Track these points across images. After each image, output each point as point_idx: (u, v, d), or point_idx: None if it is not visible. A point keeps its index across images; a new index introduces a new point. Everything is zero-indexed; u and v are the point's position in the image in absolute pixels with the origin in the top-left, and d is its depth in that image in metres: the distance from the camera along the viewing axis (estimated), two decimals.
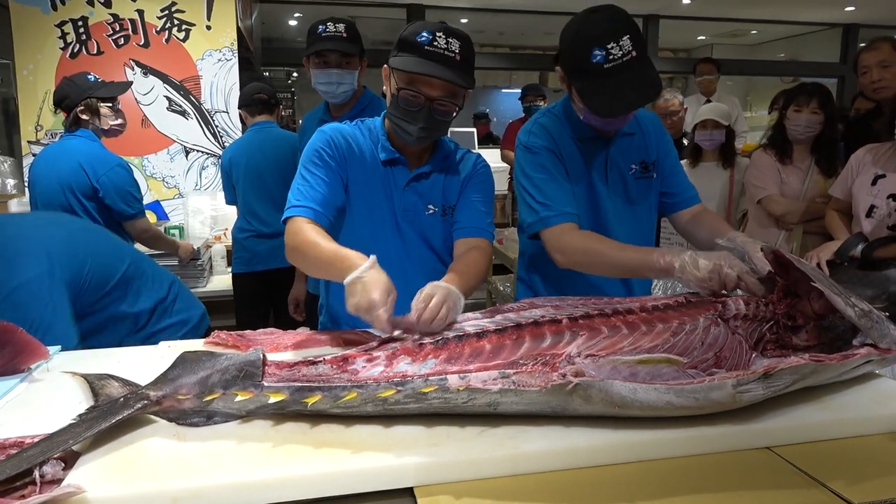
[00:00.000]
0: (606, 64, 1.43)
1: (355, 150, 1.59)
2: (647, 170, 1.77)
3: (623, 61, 1.44)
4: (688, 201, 1.81)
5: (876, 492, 0.95)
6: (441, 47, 1.44)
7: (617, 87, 1.45)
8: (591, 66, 1.45)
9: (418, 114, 1.48)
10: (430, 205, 1.63)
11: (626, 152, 1.74)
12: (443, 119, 1.51)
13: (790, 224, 2.85)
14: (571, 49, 1.50)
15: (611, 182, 1.72)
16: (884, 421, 1.14)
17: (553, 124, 1.70)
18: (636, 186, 1.76)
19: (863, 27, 9.04)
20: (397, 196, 1.61)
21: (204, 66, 4.30)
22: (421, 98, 1.46)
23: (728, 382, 1.04)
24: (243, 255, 3.09)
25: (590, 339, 1.15)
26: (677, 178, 1.82)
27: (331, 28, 2.31)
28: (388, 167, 1.60)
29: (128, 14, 4.15)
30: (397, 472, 0.96)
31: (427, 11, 7.71)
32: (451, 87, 1.47)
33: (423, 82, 1.46)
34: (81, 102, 2.62)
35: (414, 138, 1.52)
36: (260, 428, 1.06)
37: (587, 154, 1.70)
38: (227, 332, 1.47)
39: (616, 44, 1.43)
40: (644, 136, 1.77)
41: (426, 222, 1.64)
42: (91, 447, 0.99)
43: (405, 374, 1.08)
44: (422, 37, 1.44)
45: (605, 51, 1.43)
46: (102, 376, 1.20)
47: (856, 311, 1.21)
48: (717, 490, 0.95)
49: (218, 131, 4.36)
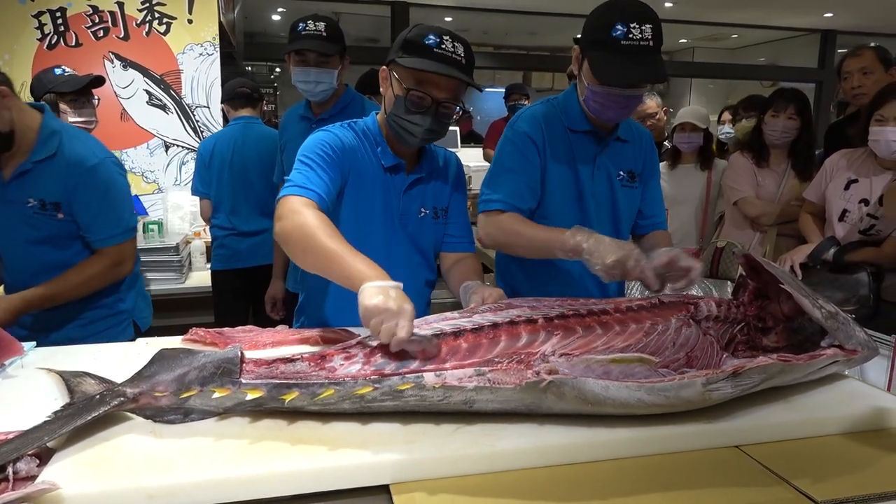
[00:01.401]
0: (624, 40, 1.49)
1: (357, 157, 1.57)
2: (633, 180, 1.80)
3: (640, 44, 1.49)
4: (657, 225, 1.87)
5: (839, 490, 0.98)
6: (449, 50, 1.47)
7: (628, 63, 1.50)
8: (609, 39, 1.50)
9: (425, 115, 1.49)
10: (423, 208, 1.65)
11: (617, 157, 1.77)
12: (446, 122, 1.54)
13: (765, 226, 2.92)
14: (595, 21, 1.56)
15: (597, 181, 1.75)
16: (848, 421, 1.18)
17: (549, 112, 1.73)
18: (622, 193, 1.78)
19: (840, 33, 9.20)
20: (396, 201, 1.61)
21: (185, 60, 4.25)
22: (428, 100, 1.48)
23: (698, 381, 1.07)
24: (223, 253, 3.06)
25: (564, 339, 1.17)
26: (655, 201, 1.87)
27: (311, 27, 2.29)
28: (389, 173, 1.60)
29: (107, 6, 4.09)
30: (373, 469, 0.97)
31: (411, 9, 7.69)
32: (457, 89, 1.51)
33: (432, 84, 1.47)
34: (42, 98, 2.52)
35: (418, 139, 1.53)
36: (237, 425, 1.06)
37: (579, 148, 1.72)
38: (205, 329, 1.46)
39: (638, 26, 1.49)
40: (636, 146, 1.80)
41: (418, 226, 1.65)
42: (66, 444, 0.98)
43: (382, 371, 1.09)
44: (429, 39, 1.46)
45: (627, 28, 1.48)
46: (78, 373, 1.20)
47: (823, 313, 1.24)
48: (688, 488, 0.98)
49: (199, 126, 4.32)
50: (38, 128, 1.77)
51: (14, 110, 1.72)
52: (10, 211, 1.78)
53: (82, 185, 1.77)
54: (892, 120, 2.18)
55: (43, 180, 1.77)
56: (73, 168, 1.76)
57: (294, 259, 1.38)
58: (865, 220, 2.31)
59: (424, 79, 1.47)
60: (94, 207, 1.80)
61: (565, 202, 1.72)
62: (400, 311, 1.13)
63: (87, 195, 1.79)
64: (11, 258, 1.87)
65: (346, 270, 1.24)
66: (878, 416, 1.19)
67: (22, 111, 1.76)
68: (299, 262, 1.36)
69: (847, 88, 2.78)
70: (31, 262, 1.82)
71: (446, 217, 1.70)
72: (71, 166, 1.76)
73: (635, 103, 1.65)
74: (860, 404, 1.22)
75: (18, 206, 1.77)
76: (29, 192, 1.76)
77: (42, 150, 1.76)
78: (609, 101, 1.59)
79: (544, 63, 10.19)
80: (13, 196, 1.77)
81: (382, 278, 1.20)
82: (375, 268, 1.23)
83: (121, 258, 1.87)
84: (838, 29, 9.11)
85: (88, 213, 1.80)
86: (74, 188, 1.77)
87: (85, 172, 1.77)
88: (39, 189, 1.77)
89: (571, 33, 8.88)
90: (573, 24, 8.95)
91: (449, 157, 1.73)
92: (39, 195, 1.76)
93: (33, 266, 1.82)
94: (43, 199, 1.76)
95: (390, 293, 1.16)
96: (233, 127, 3.14)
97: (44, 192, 1.77)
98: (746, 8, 7.96)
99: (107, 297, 1.92)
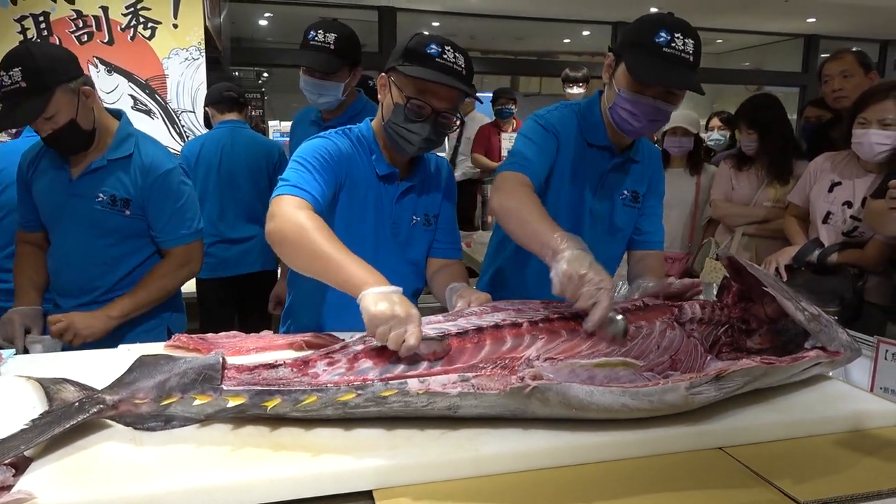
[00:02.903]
0: (666, 48, 1.47)
1: (352, 165, 1.56)
2: (637, 200, 1.79)
3: (680, 55, 1.48)
4: (651, 244, 1.83)
5: (821, 490, 0.98)
6: (451, 60, 1.47)
7: (667, 68, 1.48)
8: (650, 44, 1.48)
9: (424, 124, 1.49)
10: (415, 215, 1.64)
11: (624, 177, 1.75)
12: (444, 131, 1.54)
13: (732, 227, 3.06)
14: (639, 27, 1.54)
15: (599, 198, 1.73)
16: (830, 422, 1.18)
17: (569, 118, 1.71)
18: (622, 212, 1.77)
19: (823, 38, 9.31)
20: (389, 209, 1.60)
21: (170, 64, 4.23)
22: (428, 108, 1.47)
23: (681, 385, 1.07)
24: (208, 261, 2.96)
25: (549, 343, 1.17)
26: (654, 218, 1.84)
27: (319, 37, 2.17)
28: (383, 181, 1.59)
29: (91, 10, 4.07)
30: (356, 475, 0.96)
31: (399, 14, 7.70)
32: (456, 100, 1.51)
33: (432, 93, 1.47)
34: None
35: (416, 148, 1.53)
36: (219, 431, 1.05)
37: (588, 161, 1.70)
38: (187, 335, 1.45)
39: (682, 38, 1.48)
40: (645, 166, 1.79)
41: (409, 234, 1.64)
42: (43, 452, 0.97)
43: (366, 377, 1.08)
44: (431, 49, 1.46)
45: (671, 36, 1.47)
46: (58, 380, 1.18)
47: (805, 315, 1.25)
48: (671, 490, 0.98)
49: (184, 131, 4.30)
50: (115, 130, 1.88)
51: (97, 110, 1.82)
52: (76, 205, 1.84)
53: (158, 188, 1.86)
54: (874, 122, 2.21)
55: (117, 177, 1.85)
56: (150, 170, 1.85)
57: (286, 260, 1.35)
58: (849, 223, 2.33)
59: (425, 88, 1.46)
60: (168, 209, 1.88)
61: (560, 214, 1.65)
62: (408, 317, 1.13)
63: (162, 197, 1.87)
64: (66, 253, 1.90)
65: (343, 274, 1.22)
66: (860, 417, 1.20)
67: (103, 112, 1.87)
68: (291, 263, 1.33)
69: (828, 91, 2.83)
70: (87, 257, 1.87)
71: (437, 224, 1.70)
72: (146, 168, 1.85)
73: (663, 118, 1.59)
74: (843, 405, 1.23)
75: (86, 201, 1.83)
76: (100, 187, 1.83)
77: (118, 150, 1.86)
78: (638, 108, 1.54)
79: (531, 68, 10.23)
80: (81, 191, 1.84)
81: (382, 283, 1.19)
82: (374, 272, 1.22)
83: (189, 258, 1.94)
84: (821, 34, 9.23)
85: (162, 214, 1.88)
86: (149, 189, 1.85)
87: (160, 176, 1.86)
88: (111, 185, 1.84)
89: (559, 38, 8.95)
90: (561, 29, 9.02)
91: (440, 164, 1.73)
92: (111, 191, 1.83)
93: (86, 261, 1.87)
94: (114, 195, 1.84)
95: (394, 298, 1.15)
96: (220, 130, 3.08)
97: (116, 188, 1.84)
98: (731, 13, 8.04)
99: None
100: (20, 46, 1.74)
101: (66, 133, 1.74)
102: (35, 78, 1.66)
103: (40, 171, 1.89)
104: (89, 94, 1.79)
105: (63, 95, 1.71)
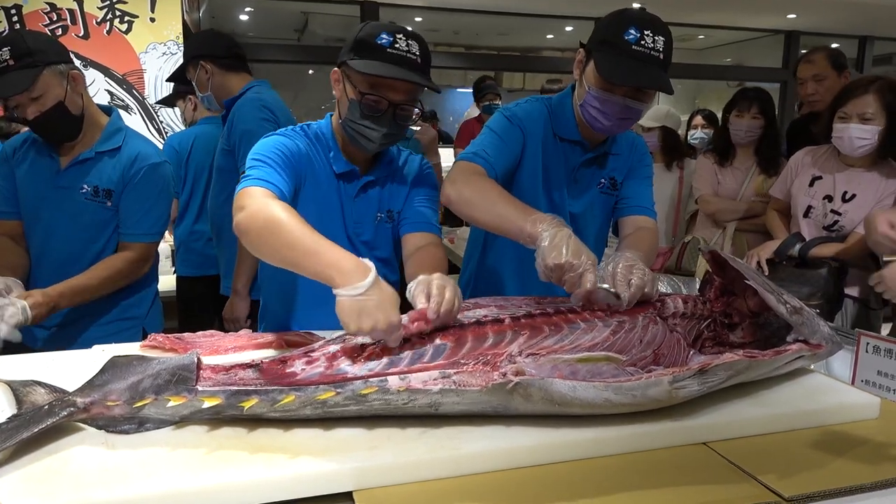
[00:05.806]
0: (635, 45, 1.45)
1: (311, 163, 1.51)
2: (615, 188, 1.76)
3: (650, 53, 1.45)
4: (643, 210, 1.74)
5: (805, 485, 0.98)
6: (403, 49, 1.40)
7: (636, 66, 1.46)
8: (620, 42, 1.46)
9: (381, 119, 1.43)
10: (378, 212, 1.60)
11: (599, 171, 1.73)
12: (404, 124, 1.48)
13: (723, 222, 3.02)
14: (608, 24, 1.52)
15: (573, 192, 1.71)
16: (813, 416, 1.18)
17: (537, 111, 1.68)
18: (599, 200, 1.75)
19: (803, 34, 9.39)
20: (348, 207, 1.56)
21: (148, 59, 4.17)
22: (384, 103, 1.42)
23: (664, 379, 1.06)
24: (192, 259, 2.93)
25: (531, 339, 1.16)
26: (643, 189, 1.77)
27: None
28: (341, 179, 1.54)
29: (66, 4, 4.00)
30: (335, 476, 0.94)
31: (381, 9, 7.64)
32: (414, 90, 1.45)
33: (387, 86, 1.41)
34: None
35: (376, 144, 1.48)
36: (194, 434, 1.03)
37: (560, 155, 1.68)
38: (164, 335, 1.42)
39: (652, 35, 1.45)
40: (625, 158, 1.75)
41: (374, 231, 1.60)
42: (11, 458, 0.94)
43: (345, 375, 1.06)
44: (382, 39, 1.39)
45: (641, 34, 1.45)
46: (28, 382, 1.14)
47: (787, 308, 1.25)
48: (656, 486, 0.97)
49: (162, 127, 4.24)
50: (105, 125, 1.89)
51: (85, 99, 1.84)
52: (60, 196, 1.84)
53: (141, 178, 1.86)
54: (854, 117, 2.22)
55: (102, 169, 1.86)
56: (137, 161, 1.86)
57: (256, 251, 1.26)
58: (829, 217, 2.34)
59: (379, 82, 1.41)
60: (143, 202, 1.88)
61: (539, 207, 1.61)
62: (390, 328, 1.10)
63: (142, 189, 1.86)
64: (45, 246, 1.88)
65: (315, 268, 1.16)
66: (843, 411, 1.20)
67: (92, 104, 1.88)
68: (261, 254, 1.26)
69: (804, 94, 2.86)
70: (65, 248, 1.86)
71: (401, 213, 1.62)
72: (134, 159, 1.86)
73: (634, 116, 1.56)
74: (825, 399, 1.23)
75: (70, 192, 1.84)
76: (84, 178, 1.84)
77: (107, 143, 1.87)
78: (607, 107, 1.52)
79: (515, 63, 10.23)
80: (67, 182, 1.84)
81: (363, 271, 1.13)
82: (353, 259, 1.15)
83: (146, 256, 1.93)
84: (801, 30, 9.31)
85: (136, 206, 1.87)
86: (132, 179, 1.86)
87: (148, 167, 1.87)
88: (96, 176, 1.85)
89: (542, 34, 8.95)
90: (544, 25, 9.01)
91: (411, 159, 1.66)
92: (94, 181, 1.84)
93: (64, 254, 1.86)
94: (97, 186, 1.84)
95: (369, 306, 1.10)
96: (211, 126, 2.93)
97: (100, 179, 1.85)
98: (712, 9, 8.08)
99: (124, 300, 1.95)
100: (10, 31, 1.73)
101: (55, 116, 1.74)
102: (24, 58, 1.68)
103: (28, 160, 1.87)
104: (77, 79, 1.80)
105: (52, 77, 1.72)
